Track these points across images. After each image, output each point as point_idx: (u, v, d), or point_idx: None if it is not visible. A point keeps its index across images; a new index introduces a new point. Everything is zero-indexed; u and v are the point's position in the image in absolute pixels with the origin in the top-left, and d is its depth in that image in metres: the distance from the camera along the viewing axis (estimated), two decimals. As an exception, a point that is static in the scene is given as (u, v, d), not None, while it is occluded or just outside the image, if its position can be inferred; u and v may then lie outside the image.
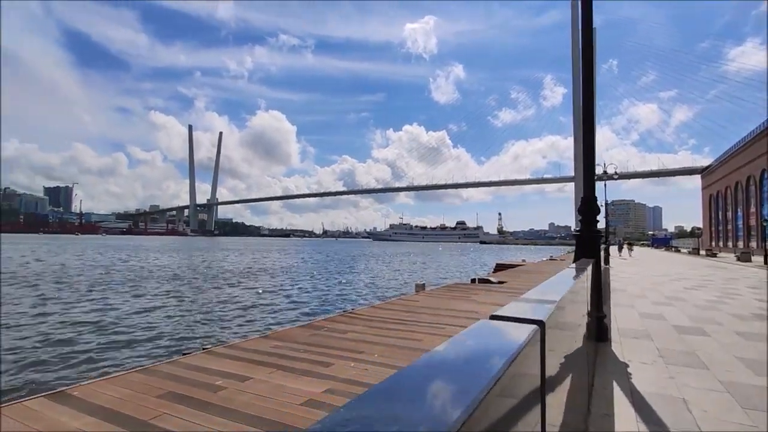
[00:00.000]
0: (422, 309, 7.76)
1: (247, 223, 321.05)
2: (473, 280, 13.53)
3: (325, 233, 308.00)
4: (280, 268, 30.14)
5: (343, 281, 21.86)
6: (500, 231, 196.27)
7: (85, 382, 3.78)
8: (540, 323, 0.99)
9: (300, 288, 18.61)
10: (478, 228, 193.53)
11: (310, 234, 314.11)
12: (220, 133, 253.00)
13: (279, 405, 3.30)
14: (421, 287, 11.12)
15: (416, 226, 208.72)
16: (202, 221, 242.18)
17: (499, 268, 21.18)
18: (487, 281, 12.94)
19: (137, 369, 4.18)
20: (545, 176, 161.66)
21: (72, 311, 11.71)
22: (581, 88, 5.35)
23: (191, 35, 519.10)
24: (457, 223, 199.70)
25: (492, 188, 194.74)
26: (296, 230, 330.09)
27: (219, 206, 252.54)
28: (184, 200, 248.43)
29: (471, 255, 61.56)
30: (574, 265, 3.38)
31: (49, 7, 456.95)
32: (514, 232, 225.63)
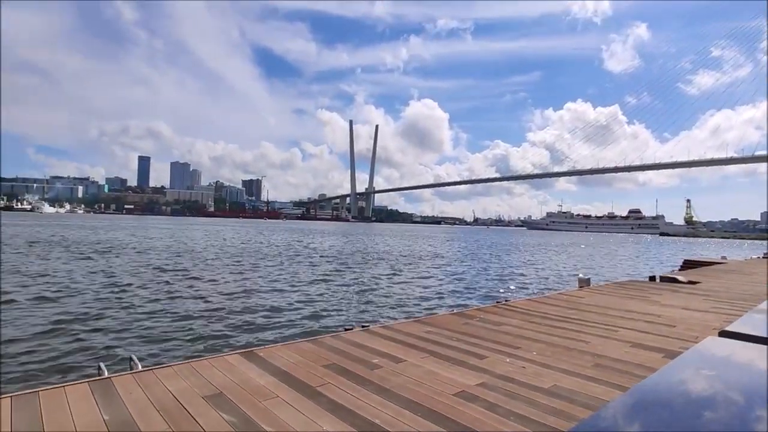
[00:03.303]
0: (588, 306, 6.90)
1: (401, 210, 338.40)
2: (652, 278, 11.51)
3: (476, 221, 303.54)
4: (430, 253, 30.83)
5: (495, 271, 21.14)
6: (688, 221, 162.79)
7: (268, 345, 4.40)
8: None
9: (450, 274, 18.68)
10: (658, 217, 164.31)
11: (461, 221, 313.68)
12: (377, 126, 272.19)
13: (432, 392, 3.27)
14: (585, 282, 9.93)
15: (578, 215, 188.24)
16: (361, 208, 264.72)
17: (688, 265, 17.60)
18: (673, 280, 10.85)
19: (307, 339, 4.68)
20: (757, 153, 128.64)
21: (261, 282, 14.00)
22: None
23: (352, 36, 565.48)
24: (630, 212, 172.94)
25: (679, 170, 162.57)
26: (447, 217, 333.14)
27: (375, 194, 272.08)
28: (346, 189, 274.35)
29: (648, 248, 53.01)
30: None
31: (243, 30, 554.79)
32: (709, 222, 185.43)
